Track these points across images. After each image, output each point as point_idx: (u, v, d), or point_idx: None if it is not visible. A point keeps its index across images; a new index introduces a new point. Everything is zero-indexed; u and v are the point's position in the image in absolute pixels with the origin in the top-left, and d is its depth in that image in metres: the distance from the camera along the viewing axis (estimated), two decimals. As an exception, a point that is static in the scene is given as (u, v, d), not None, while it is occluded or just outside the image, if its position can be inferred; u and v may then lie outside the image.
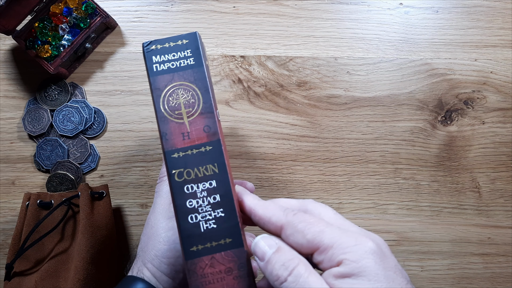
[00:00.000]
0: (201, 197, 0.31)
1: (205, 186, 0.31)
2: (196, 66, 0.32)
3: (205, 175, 0.31)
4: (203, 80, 0.32)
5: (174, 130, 0.31)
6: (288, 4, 0.56)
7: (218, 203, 0.31)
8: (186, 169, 0.31)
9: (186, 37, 0.33)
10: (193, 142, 0.31)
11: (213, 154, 0.31)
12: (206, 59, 0.34)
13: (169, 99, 0.32)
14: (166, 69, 0.32)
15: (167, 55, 0.33)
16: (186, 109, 0.32)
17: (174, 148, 0.31)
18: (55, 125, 0.55)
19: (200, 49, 0.32)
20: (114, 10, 0.56)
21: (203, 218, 0.30)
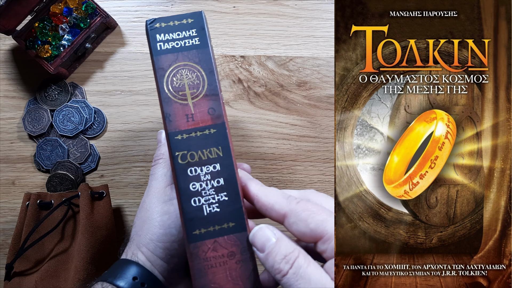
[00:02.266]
0: (204, 180, 0.30)
1: (208, 169, 0.30)
2: (201, 47, 0.32)
3: (209, 158, 0.31)
4: (208, 61, 0.31)
5: (178, 111, 0.31)
6: (288, 4, 0.56)
7: (222, 186, 0.30)
8: (190, 152, 0.31)
9: (192, 16, 0.32)
10: (197, 124, 0.31)
11: (218, 137, 0.31)
12: (211, 40, 0.34)
13: (173, 80, 0.31)
14: (171, 48, 0.32)
15: (171, 33, 0.32)
16: (191, 90, 0.31)
17: (178, 129, 0.31)
18: (55, 125, 0.55)
19: (205, 29, 0.32)
20: (114, 10, 0.56)
21: (206, 201, 0.30)
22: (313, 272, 0.26)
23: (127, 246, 0.39)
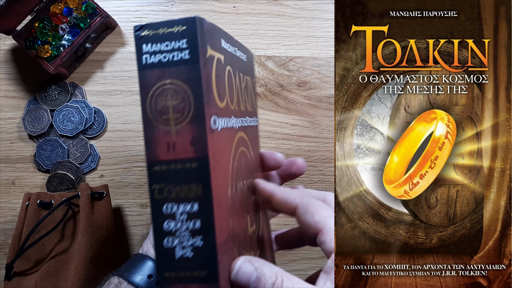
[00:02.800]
0: (180, 219, 0.27)
1: (186, 208, 0.27)
2: (190, 62, 0.26)
3: (187, 196, 0.27)
4: (196, 80, 0.26)
5: (159, 138, 0.27)
6: (288, 4, 0.56)
7: (198, 230, 0.27)
8: (168, 186, 0.27)
9: (184, 22, 0.26)
10: (178, 155, 0.26)
11: (199, 172, 0.26)
12: (220, 51, 0.29)
13: (157, 100, 0.27)
14: (157, 63, 0.26)
15: (159, 44, 0.26)
16: (175, 114, 0.26)
17: (157, 159, 0.27)
18: (55, 125, 0.55)
19: (198, 40, 0.26)
20: (114, 10, 0.56)
21: (179, 243, 0.27)
22: (297, 283, 0.28)
23: (144, 241, 0.40)
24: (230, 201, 0.29)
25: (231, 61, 0.31)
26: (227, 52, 0.31)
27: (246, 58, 0.36)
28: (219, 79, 0.29)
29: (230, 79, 0.31)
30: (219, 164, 0.28)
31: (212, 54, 0.28)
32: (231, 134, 0.30)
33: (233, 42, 0.33)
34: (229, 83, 0.31)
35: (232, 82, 0.32)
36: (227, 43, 0.31)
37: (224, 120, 0.29)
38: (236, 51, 0.33)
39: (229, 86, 0.31)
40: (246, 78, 0.36)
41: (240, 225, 0.31)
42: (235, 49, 0.33)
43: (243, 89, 0.35)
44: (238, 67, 0.33)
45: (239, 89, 0.34)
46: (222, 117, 0.29)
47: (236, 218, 0.31)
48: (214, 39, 0.28)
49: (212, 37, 0.28)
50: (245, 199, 0.33)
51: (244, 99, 0.35)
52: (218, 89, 0.28)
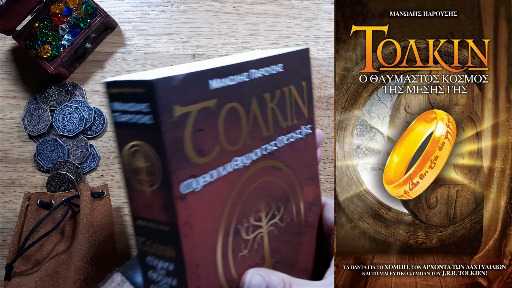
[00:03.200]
0: (160, 274, 0.27)
1: (164, 265, 0.26)
2: (154, 128, 0.24)
3: (164, 255, 0.26)
4: (161, 147, 0.24)
5: (137, 196, 0.26)
6: (288, 4, 0.56)
7: (175, 287, 0.26)
8: (149, 240, 0.27)
9: (143, 85, 0.24)
10: (154, 216, 0.26)
11: (171, 237, 0.25)
12: (207, 97, 0.27)
13: (130, 160, 0.25)
14: (125, 123, 0.25)
15: (127, 103, 0.25)
16: (148, 177, 0.25)
17: (137, 215, 0.26)
18: (55, 125, 0.55)
19: (157, 106, 0.23)
20: (114, 10, 0.56)
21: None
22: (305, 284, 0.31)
23: None
24: (217, 255, 0.29)
25: (236, 94, 0.29)
26: (227, 89, 0.28)
27: (283, 67, 0.33)
28: (198, 134, 0.26)
29: (232, 117, 0.29)
30: (196, 227, 0.26)
31: (186, 110, 0.25)
32: (230, 180, 0.29)
33: (248, 65, 0.30)
34: (229, 122, 0.29)
35: (238, 119, 0.30)
36: (227, 76, 0.28)
37: (211, 174, 0.28)
38: (254, 74, 0.31)
39: (230, 126, 0.29)
40: (282, 91, 0.34)
41: (246, 263, 0.31)
42: (251, 71, 0.31)
43: (269, 111, 0.33)
44: (258, 91, 0.31)
45: (255, 117, 0.32)
46: (204, 174, 0.27)
47: (236, 262, 0.30)
48: (191, 90, 0.26)
49: (186, 91, 0.25)
50: (259, 234, 0.33)
51: (271, 121, 0.33)
52: (196, 145, 0.26)
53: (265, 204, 0.33)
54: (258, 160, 0.32)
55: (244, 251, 0.31)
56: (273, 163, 0.34)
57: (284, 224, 0.35)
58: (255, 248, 0.32)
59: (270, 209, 0.34)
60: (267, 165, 0.33)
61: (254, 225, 0.32)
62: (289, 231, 0.35)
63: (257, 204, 0.32)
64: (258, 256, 0.32)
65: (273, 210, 0.34)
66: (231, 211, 0.30)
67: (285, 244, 0.35)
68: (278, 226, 0.34)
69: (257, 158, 0.32)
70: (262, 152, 0.32)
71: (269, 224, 0.33)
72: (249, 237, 0.32)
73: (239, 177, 0.30)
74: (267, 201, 0.33)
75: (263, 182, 0.33)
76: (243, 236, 0.31)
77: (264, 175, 0.33)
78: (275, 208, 0.34)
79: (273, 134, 0.33)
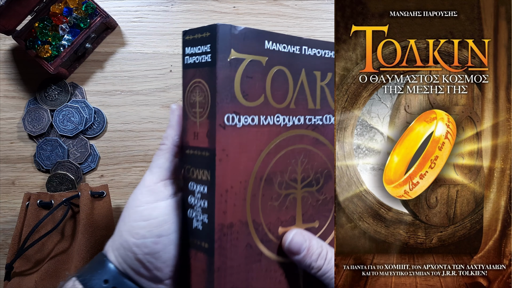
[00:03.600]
0: (196, 197, 0.31)
1: (200, 189, 0.31)
2: (211, 65, 0.29)
3: (201, 179, 0.31)
4: (212, 81, 0.29)
5: (189, 127, 0.32)
6: (288, 4, 0.56)
7: (205, 209, 0.31)
8: (192, 167, 0.31)
9: (208, 29, 0.30)
10: (199, 143, 0.31)
11: (209, 161, 0.30)
12: (260, 53, 0.32)
13: (190, 95, 0.31)
14: (192, 63, 0.31)
15: (194, 47, 0.31)
16: (199, 109, 0.31)
17: (187, 144, 0.32)
18: (55, 125, 0.55)
19: (216, 45, 0.29)
20: (114, 10, 0.56)
21: (195, 216, 0.32)
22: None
23: (111, 238, 0.36)
24: (247, 190, 0.32)
25: (286, 60, 0.33)
26: (279, 53, 0.33)
27: (334, 54, 0.37)
28: (248, 80, 0.31)
29: (280, 77, 0.33)
30: (231, 157, 0.31)
31: (239, 57, 0.31)
32: (269, 131, 0.33)
33: (301, 42, 0.34)
34: (277, 81, 0.33)
35: (285, 81, 0.34)
36: (282, 43, 0.33)
37: (253, 118, 0.32)
38: (307, 50, 0.35)
39: (277, 84, 0.33)
40: (333, 75, 0.38)
41: (275, 215, 0.34)
42: (304, 47, 0.35)
43: (318, 88, 0.36)
44: (308, 66, 0.35)
45: (302, 87, 0.35)
46: (247, 115, 0.31)
47: (265, 208, 0.34)
48: (247, 42, 0.31)
49: (243, 41, 0.31)
50: (292, 194, 0.36)
51: (318, 97, 0.37)
52: (244, 88, 0.31)
53: (302, 169, 0.36)
54: (300, 126, 0.36)
55: (274, 202, 0.34)
56: (316, 135, 0.37)
57: (322, 197, 0.38)
58: (286, 205, 0.35)
59: (308, 176, 0.37)
60: (310, 135, 0.37)
61: (288, 183, 0.35)
62: (327, 207, 0.38)
63: (294, 166, 0.36)
64: (288, 214, 0.35)
65: (310, 179, 0.37)
66: (266, 159, 0.33)
67: (322, 217, 0.38)
68: (315, 196, 0.37)
69: (300, 124, 0.36)
70: (306, 122, 0.36)
71: (304, 190, 0.36)
72: (281, 192, 0.35)
73: (278, 132, 0.34)
74: (305, 168, 0.36)
75: (304, 150, 0.36)
76: (275, 188, 0.34)
77: (305, 142, 0.36)
78: (313, 178, 0.37)
79: (320, 110, 0.37)
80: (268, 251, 0.35)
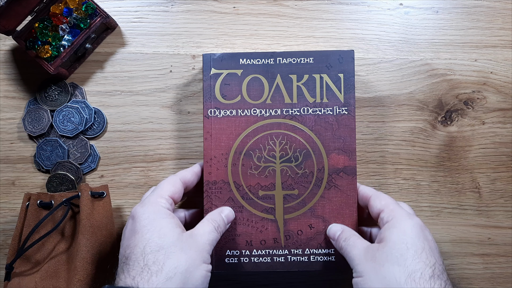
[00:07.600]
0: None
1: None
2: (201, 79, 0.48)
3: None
4: (203, 89, 0.50)
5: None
6: (288, 4, 0.56)
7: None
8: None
9: (203, 56, 0.49)
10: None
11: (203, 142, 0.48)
12: (236, 67, 0.48)
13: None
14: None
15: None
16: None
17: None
18: (55, 126, 0.55)
19: (203, 65, 0.49)
20: (114, 10, 0.56)
21: None
22: (358, 242, 0.43)
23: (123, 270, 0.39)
24: (228, 160, 0.46)
25: (261, 70, 0.47)
26: (253, 65, 0.47)
27: (314, 60, 0.47)
28: (226, 86, 0.47)
29: (255, 82, 0.47)
30: (214, 137, 0.46)
31: (218, 72, 0.47)
32: (247, 120, 0.47)
33: (275, 55, 0.47)
34: (252, 85, 0.47)
35: (260, 84, 0.47)
36: (256, 58, 0.47)
37: (231, 111, 0.47)
38: (281, 60, 0.47)
39: (252, 87, 0.47)
40: (312, 76, 0.47)
41: (255, 180, 0.47)
42: (278, 59, 0.47)
43: (294, 87, 0.47)
44: (283, 71, 0.47)
45: (278, 87, 0.47)
46: (226, 109, 0.47)
47: (245, 174, 0.46)
48: (224, 62, 0.47)
49: (221, 62, 0.47)
50: (271, 166, 0.47)
51: (295, 94, 0.47)
52: (223, 92, 0.47)
53: (281, 148, 0.46)
54: (277, 116, 0.47)
55: (254, 171, 0.47)
56: (294, 123, 0.47)
57: (302, 171, 0.46)
58: (265, 174, 0.46)
59: (286, 154, 0.47)
60: (288, 123, 0.47)
61: (267, 158, 0.47)
62: (307, 180, 0.46)
63: (272, 146, 0.46)
64: (268, 180, 0.47)
65: (289, 156, 0.46)
66: (245, 139, 0.46)
67: (301, 187, 0.46)
68: (294, 170, 0.46)
69: (277, 114, 0.47)
70: (283, 113, 0.47)
71: (282, 164, 0.46)
72: (260, 164, 0.46)
73: (256, 121, 0.47)
74: (283, 148, 0.46)
75: (282, 134, 0.46)
76: (254, 160, 0.46)
77: (283, 128, 0.47)
78: (292, 155, 0.46)
79: (297, 103, 0.47)
80: (250, 206, 0.46)
